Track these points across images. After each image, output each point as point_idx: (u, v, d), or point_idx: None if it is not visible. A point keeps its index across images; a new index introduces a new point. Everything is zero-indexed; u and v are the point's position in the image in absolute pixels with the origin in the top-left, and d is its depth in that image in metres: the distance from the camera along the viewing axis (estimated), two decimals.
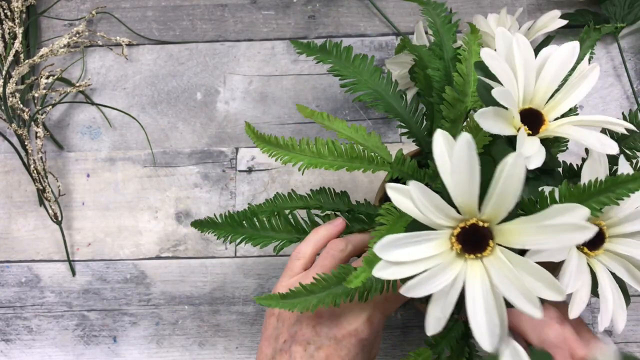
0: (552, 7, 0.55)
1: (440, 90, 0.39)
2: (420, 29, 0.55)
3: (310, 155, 0.38)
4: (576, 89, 0.34)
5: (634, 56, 0.58)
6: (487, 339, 0.27)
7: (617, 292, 0.34)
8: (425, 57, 0.41)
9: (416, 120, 0.42)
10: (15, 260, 0.57)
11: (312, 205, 0.44)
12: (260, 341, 0.40)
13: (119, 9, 0.61)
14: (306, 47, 0.44)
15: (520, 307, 0.26)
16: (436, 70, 0.40)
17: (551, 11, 0.52)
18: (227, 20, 0.61)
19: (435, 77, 0.40)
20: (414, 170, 0.40)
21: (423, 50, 0.42)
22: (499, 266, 0.28)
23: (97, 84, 0.60)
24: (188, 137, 0.58)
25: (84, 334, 0.56)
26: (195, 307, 0.55)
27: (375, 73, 0.42)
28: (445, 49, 0.41)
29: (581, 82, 0.34)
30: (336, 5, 0.60)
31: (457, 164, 0.27)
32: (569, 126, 0.32)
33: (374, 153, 0.39)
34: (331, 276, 0.35)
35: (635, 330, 0.53)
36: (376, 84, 0.42)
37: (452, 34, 0.41)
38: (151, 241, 0.57)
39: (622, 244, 0.34)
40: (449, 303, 0.28)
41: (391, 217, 0.33)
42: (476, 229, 0.29)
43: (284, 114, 0.58)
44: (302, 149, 0.39)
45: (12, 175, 0.58)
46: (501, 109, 0.30)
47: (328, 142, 0.38)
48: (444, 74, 0.40)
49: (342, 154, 0.38)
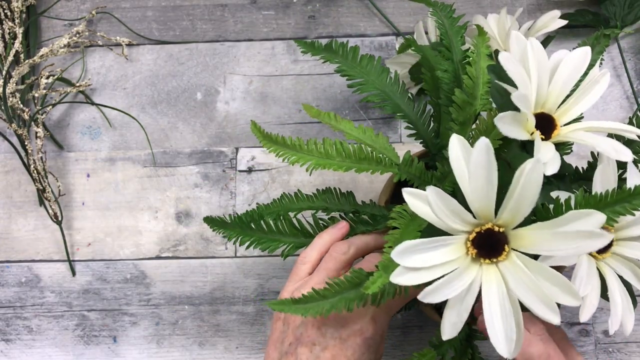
0: (552, 7, 0.55)
1: (448, 93, 0.39)
2: (420, 29, 0.55)
3: (318, 156, 0.38)
4: (588, 94, 0.34)
5: (634, 56, 0.58)
6: (504, 344, 0.27)
7: (625, 295, 0.34)
8: (432, 58, 0.41)
9: (424, 121, 0.42)
10: (15, 260, 0.57)
11: (318, 206, 0.43)
12: (267, 345, 0.40)
13: (119, 9, 0.61)
14: (311, 47, 0.44)
15: (537, 312, 0.27)
16: (445, 72, 0.40)
17: (551, 11, 0.53)
18: (227, 20, 0.61)
19: (444, 79, 0.40)
20: (422, 172, 0.40)
21: (429, 51, 0.42)
22: (515, 271, 0.28)
23: (97, 84, 0.60)
24: (188, 137, 0.58)
25: (84, 334, 0.56)
26: (195, 307, 0.55)
27: (383, 73, 0.42)
28: (454, 51, 0.41)
29: (593, 87, 0.34)
30: (336, 5, 0.60)
31: (475, 169, 0.27)
32: (581, 132, 0.32)
33: (382, 154, 0.39)
34: (344, 281, 0.35)
35: (636, 330, 0.53)
36: (384, 84, 0.42)
37: (461, 37, 0.41)
38: (151, 241, 0.57)
39: (629, 247, 0.35)
40: (465, 308, 0.28)
41: (403, 221, 0.33)
42: (492, 233, 0.29)
43: (284, 114, 0.58)
44: (310, 150, 0.38)
45: (12, 175, 0.58)
46: (518, 114, 0.30)
47: (336, 143, 0.38)
48: (452, 76, 0.40)
49: (351, 155, 0.38)
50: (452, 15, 0.42)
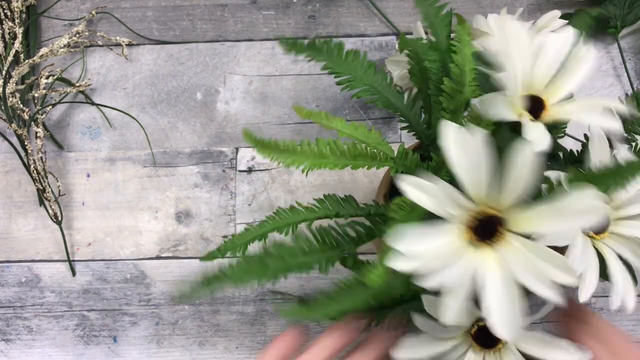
0: (552, 7, 0.55)
1: (437, 82, 0.39)
2: (419, 28, 0.55)
3: (313, 157, 0.38)
4: (574, 73, 0.34)
5: (634, 56, 0.58)
6: (506, 328, 0.27)
7: (624, 273, 0.35)
8: (420, 50, 0.41)
9: (415, 113, 0.42)
10: (15, 260, 0.57)
11: (320, 215, 0.42)
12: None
13: (119, 9, 0.61)
14: (293, 45, 0.43)
15: (539, 292, 0.27)
16: (433, 62, 0.40)
17: (551, 11, 0.52)
18: (227, 20, 0.61)
19: (432, 69, 0.40)
20: (417, 163, 0.39)
21: (418, 43, 0.42)
22: (514, 253, 0.28)
23: (97, 84, 0.60)
24: (188, 137, 0.58)
25: (84, 334, 0.56)
26: (195, 307, 0.56)
27: (370, 69, 0.42)
28: (440, 40, 0.41)
29: (579, 65, 0.34)
30: (336, 5, 0.60)
31: (472, 157, 0.27)
32: (569, 107, 0.33)
33: (376, 149, 0.39)
34: (352, 280, 0.34)
35: (636, 330, 0.53)
36: (372, 79, 0.42)
37: (446, 25, 0.41)
38: (151, 241, 0.57)
39: (626, 226, 0.35)
40: (463, 292, 0.28)
41: (403, 212, 0.33)
42: (489, 217, 0.29)
43: (284, 114, 0.58)
44: (304, 151, 0.38)
45: (12, 175, 0.58)
46: (502, 95, 0.31)
47: (330, 142, 0.38)
48: (440, 65, 0.40)
49: (345, 152, 0.38)
50: (436, 4, 0.42)
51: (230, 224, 0.57)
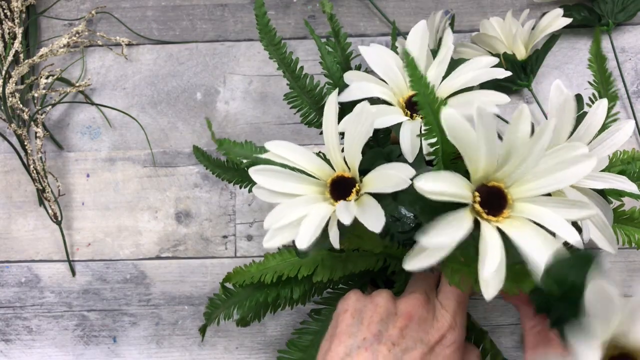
0: (552, 7, 0.55)
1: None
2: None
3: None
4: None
5: (634, 56, 0.58)
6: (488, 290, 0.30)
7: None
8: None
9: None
10: (15, 260, 0.57)
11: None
12: (329, 337, 0.37)
13: (119, 8, 0.61)
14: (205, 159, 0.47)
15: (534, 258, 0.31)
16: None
17: (554, 10, 0.53)
18: (227, 20, 0.61)
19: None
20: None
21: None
22: (519, 223, 0.32)
23: (97, 84, 0.60)
24: (188, 137, 0.58)
25: (83, 334, 0.56)
26: (195, 307, 0.55)
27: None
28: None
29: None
30: (336, 5, 0.60)
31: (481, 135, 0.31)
32: None
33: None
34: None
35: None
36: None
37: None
38: (151, 241, 0.57)
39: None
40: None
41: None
42: (494, 189, 0.33)
43: (284, 114, 0.58)
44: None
45: (12, 175, 0.58)
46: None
47: None
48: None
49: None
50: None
51: (230, 224, 0.57)
